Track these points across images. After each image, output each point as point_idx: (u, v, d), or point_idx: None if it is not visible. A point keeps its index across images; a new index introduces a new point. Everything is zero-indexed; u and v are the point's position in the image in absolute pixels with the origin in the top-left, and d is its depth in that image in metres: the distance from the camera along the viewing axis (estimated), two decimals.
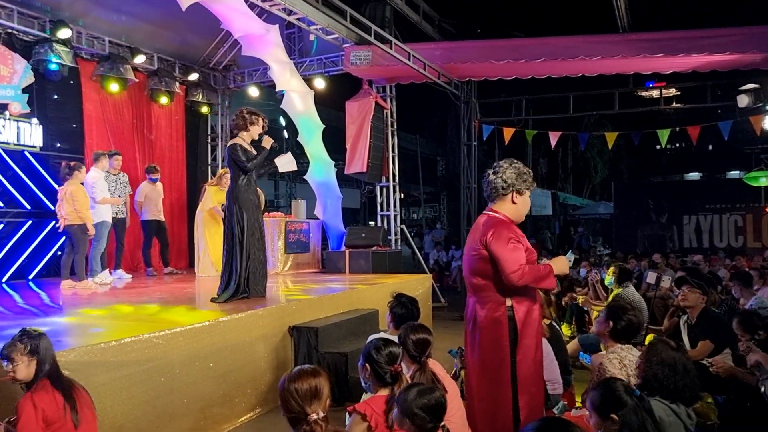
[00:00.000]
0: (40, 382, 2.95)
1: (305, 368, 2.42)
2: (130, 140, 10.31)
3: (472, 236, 3.44)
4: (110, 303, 6.12)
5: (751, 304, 5.91)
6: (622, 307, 3.49)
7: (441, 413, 2.49)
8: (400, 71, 9.70)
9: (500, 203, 3.41)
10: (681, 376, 2.94)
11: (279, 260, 9.58)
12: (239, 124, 6.15)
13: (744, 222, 14.25)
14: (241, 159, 6.02)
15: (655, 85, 11.07)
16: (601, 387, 2.53)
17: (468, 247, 3.45)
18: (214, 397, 4.78)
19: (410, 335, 3.32)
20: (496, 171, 3.41)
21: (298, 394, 2.30)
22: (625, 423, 2.35)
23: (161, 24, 10.22)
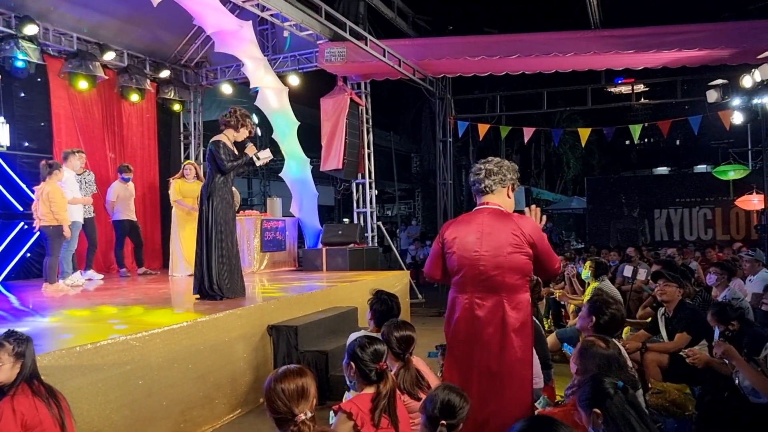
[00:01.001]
0: (20, 386, 2.87)
1: (291, 368, 2.38)
2: (100, 139, 10.11)
3: (498, 230, 3.13)
4: (84, 305, 5.98)
5: (724, 296, 6.02)
6: (605, 302, 3.51)
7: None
8: (375, 68, 9.67)
9: (498, 196, 3.26)
10: (616, 374, 2.98)
11: (255, 259, 9.49)
12: (230, 122, 6.08)
13: (713, 215, 14.54)
14: (222, 158, 5.95)
15: (623, 81, 11.21)
16: (587, 382, 2.55)
17: (499, 241, 3.11)
18: (194, 399, 4.71)
19: (394, 332, 3.30)
20: (497, 163, 3.28)
21: (285, 394, 2.27)
22: (608, 416, 2.37)
23: (131, 20, 10.03)
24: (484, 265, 3.12)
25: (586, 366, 2.97)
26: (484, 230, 3.16)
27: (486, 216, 3.21)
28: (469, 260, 3.15)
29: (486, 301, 3.13)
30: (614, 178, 26.36)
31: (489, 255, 3.12)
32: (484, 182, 3.25)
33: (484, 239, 3.14)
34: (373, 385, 2.86)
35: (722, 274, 6.23)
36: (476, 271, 3.13)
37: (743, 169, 13.60)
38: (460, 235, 3.21)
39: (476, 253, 3.14)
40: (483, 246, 3.13)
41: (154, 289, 7.70)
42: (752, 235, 14.04)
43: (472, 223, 3.22)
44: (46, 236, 7.04)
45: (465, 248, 3.17)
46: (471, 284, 3.16)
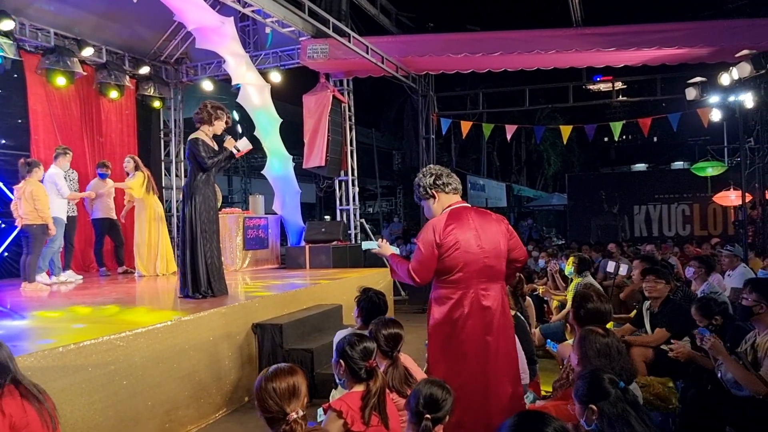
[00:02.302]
0: (6, 387, 2.81)
1: (282, 367, 2.36)
2: (78, 136, 9.95)
3: (490, 224, 3.44)
4: (65, 305, 5.89)
5: (702, 290, 6.10)
6: (584, 296, 3.54)
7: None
8: (358, 64, 9.64)
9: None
10: (617, 360, 3.02)
11: (237, 257, 9.43)
12: (203, 117, 6.02)
13: (691, 211, 14.76)
14: (201, 155, 5.89)
15: (602, 79, 11.32)
16: (586, 377, 2.56)
17: (496, 235, 3.42)
18: (179, 399, 4.67)
19: (382, 330, 3.30)
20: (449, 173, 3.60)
21: (276, 393, 2.25)
22: (603, 413, 2.39)
23: (109, 15, 9.89)
24: (488, 258, 3.37)
25: (586, 353, 3.00)
26: (477, 226, 3.39)
27: (472, 213, 3.46)
28: (474, 256, 3.34)
29: (489, 291, 3.38)
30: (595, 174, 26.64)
31: (490, 248, 3.38)
32: (455, 186, 3.53)
33: (482, 234, 3.38)
34: (362, 383, 2.85)
35: (700, 267, 6.32)
36: (481, 265, 3.35)
37: (721, 165, 13.81)
38: (461, 235, 3.34)
39: (480, 249, 3.35)
40: (483, 241, 3.37)
41: (135, 288, 7.62)
42: (729, 231, 14.28)
43: (464, 221, 3.39)
44: (29, 235, 6.93)
45: (468, 245, 3.34)
46: (475, 278, 3.35)
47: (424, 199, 3.58)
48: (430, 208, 3.55)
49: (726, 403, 3.84)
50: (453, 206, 3.47)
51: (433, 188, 3.51)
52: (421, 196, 3.59)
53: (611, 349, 3.00)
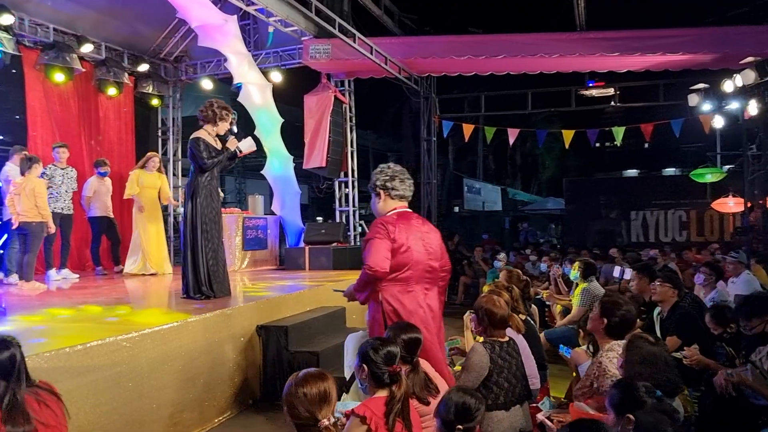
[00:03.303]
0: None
1: (311, 371, 2.29)
2: (76, 133, 9.82)
3: (432, 232, 3.73)
4: (67, 304, 5.77)
5: (712, 297, 6.08)
6: (615, 302, 3.48)
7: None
8: (361, 65, 9.58)
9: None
10: (663, 371, 2.96)
11: (236, 257, 9.33)
12: (208, 116, 5.92)
13: (688, 217, 14.78)
14: (201, 155, 5.80)
15: (594, 84, 11.32)
16: (621, 386, 2.51)
17: (437, 241, 3.72)
18: (184, 402, 4.58)
19: (401, 335, 3.23)
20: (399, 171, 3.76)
21: (307, 398, 2.18)
22: (640, 424, 2.33)
23: (109, 12, 9.79)
24: (431, 260, 3.64)
25: (631, 357, 2.94)
26: (422, 230, 3.67)
27: (416, 218, 3.73)
28: (421, 256, 3.58)
29: (431, 291, 3.68)
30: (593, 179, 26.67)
31: (432, 252, 3.66)
32: (404, 190, 3.70)
33: (425, 238, 3.64)
34: (385, 388, 2.78)
35: (710, 274, 6.31)
36: (426, 266, 3.62)
37: (720, 172, 13.83)
38: (410, 235, 3.57)
39: (426, 251, 3.61)
40: (427, 244, 3.63)
41: (135, 288, 7.51)
42: (725, 237, 14.32)
43: (412, 225, 3.63)
44: (28, 232, 6.80)
45: (417, 246, 3.58)
46: (421, 278, 3.61)
47: (374, 193, 3.75)
48: (376, 206, 3.76)
49: (744, 411, 3.80)
50: (398, 209, 3.67)
51: (382, 189, 3.69)
52: (372, 190, 3.76)
53: (658, 358, 2.94)
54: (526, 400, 3.79)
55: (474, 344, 3.67)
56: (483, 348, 3.56)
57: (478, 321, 3.81)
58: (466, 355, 3.82)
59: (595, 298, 6.42)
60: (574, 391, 3.66)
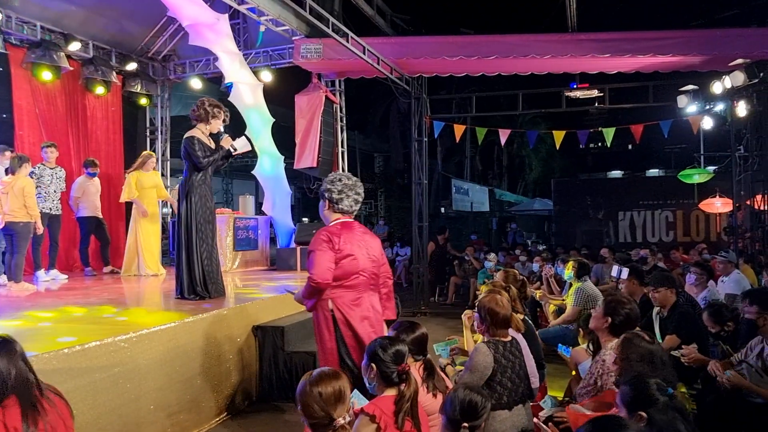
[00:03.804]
0: (9, 398, 2.65)
1: (326, 371, 2.28)
2: (63, 132, 9.70)
3: (373, 240, 3.91)
4: (57, 305, 5.69)
5: (704, 296, 6.14)
6: (619, 301, 3.49)
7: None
8: (352, 65, 9.54)
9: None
10: (660, 369, 2.98)
11: (227, 258, 9.26)
12: (200, 115, 5.88)
13: (674, 218, 14.92)
14: (197, 154, 5.76)
15: (578, 86, 11.37)
16: (633, 383, 2.51)
17: (378, 248, 3.92)
18: (181, 403, 4.55)
19: (409, 334, 3.23)
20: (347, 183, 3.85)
21: (323, 398, 2.16)
22: (652, 421, 2.34)
23: (97, 10, 9.69)
24: (375, 267, 3.81)
25: (628, 356, 2.95)
26: (365, 239, 3.81)
27: (358, 227, 3.86)
28: (366, 264, 3.74)
29: (374, 297, 3.84)
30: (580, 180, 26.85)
31: (375, 259, 3.83)
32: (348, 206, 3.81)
33: (370, 248, 3.80)
34: (394, 387, 2.77)
35: (702, 274, 6.37)
36: (371, 273, 3.78)
37: (707, 173, 13.98)
38: (355, 243, 3.70)
39: (369, 259, 3.77)
40: (370, 252, 3.79)
41: (126, 288, 7.43)
42: (711, 237, 14.48)
43: (355, 234, 3.76)
44: (14, 233, 6.69)
45: (361, 253, 3.72)
46: (367, 284, 3.76)
47: (322, 198, 3.88)
48: (323, 211, 3.91)
49: (742, 409, 3.84)
50: (342, 219, 3.80)
51: (329, 200, 3.81)
52: (321, 196, 3.90)
53: (655, 356, 2.95)
54: (528, 399, 3.80)
55: (478, 344, 3.66)
56: (487, 348, 3.56)
57: (480, 320, 3.80)
58: (468, 355, 3.82)
59: (589, 297, 6.47)
60: (576, 390, 3.67)
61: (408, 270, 14.06)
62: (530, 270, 10.74)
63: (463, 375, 3.66)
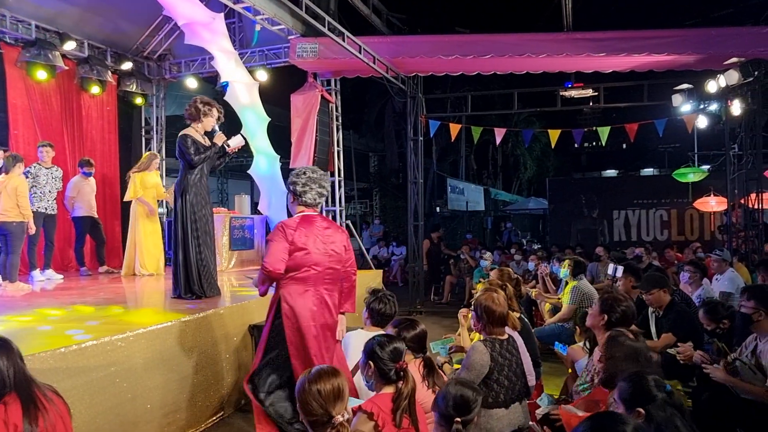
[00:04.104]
0: (9, 395, 2.65)
1: (324, 368, 2.29)
2: (58, 131, 9.67)
3: (336, 234, 3.95)
4: (55, 304, 5.67)
5: (698, 294, 6.17)
6: (616, 299, 3.51)
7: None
8: (348, 64, 9.54)
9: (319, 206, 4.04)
10: (644, 367, 3.00)
11: (223, 257, 9.25)
12: (192, 113, 5.89)
13: (669, 216, 14.96)
14: (190, 152, 5.76)
15: (573, 85, 11.41)
16: (631, 379, 2.52)
17: (341, 243, 3.95)
18: (178, 402, 4.54)
19: (409, 331, 3.25)
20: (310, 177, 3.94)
21: (322, 395, 2.17)
22: (651, 417, 2.35)
23: (92, 9, 9.65)
24: (335, 263, 3.87)
25: (613, 353, 2.97)
26: (324, 233, 3.87)
27: (320, 221, 3.92)
28: (321, 258, 3.81)
29: (333, 291, 3.91)
30: (576, 179, 26.90)
31: (334, 253, 3.87)
32: (311, 198, 3.90)
33: (327, 240, 3.85)
34: (392, 385, 2.78)
35: (695, 272, 6.40)
36: (326, 267, 3.84)
37: (701, 172, 14.02)
38: (310, 237, 3.79)
39: (326, 253, 3.83)
40: (329, 246, 3.85)
41: (122, 288, 7.42)
42: (705, 236, 14.54)
43: (314, 228, 3.84)
44: (8, 233, 6.67)
45: (317, 247, 3.80)
46: (321, 279, 3.84)
47: (288, 191, 4.01)
48: (288, 204, 4.08)
49: (736, 405, 3.86)
50: (305, 212, 3.90)
51: (293, 193, 3.93)
52: (287, 189, 4.03)
53: (640, 354, 2.98)
54: (525, 397, 3.82)
55: (474, 343, 3.68)
56: (484, 346, 3.57)
57: (477, 318, 3.82)
58: (466, 353, 3.83)
59: (584, 296, 6.50)
60: (572, 387, 3.68)
61: (403, 269, 14.08)
62: (525, 269, 10.79)
63: (461, 373, 3.68)
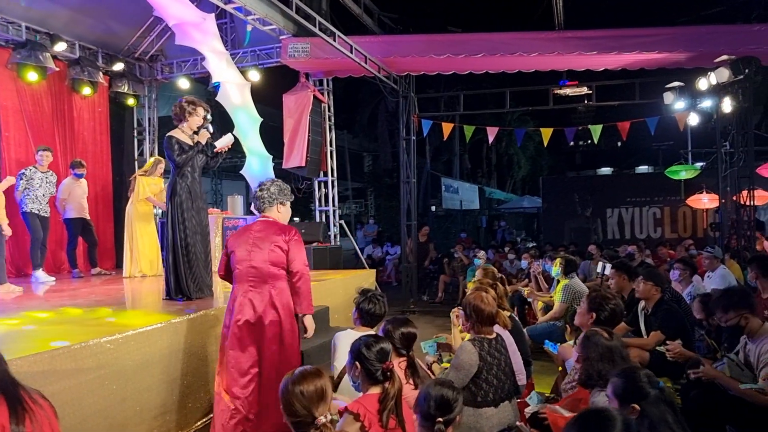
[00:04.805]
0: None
1: (308, 369, 2.29)
2: (50, 133, 9.65)
3: (269, 236, 4.14)
4: (45, 307, 5.65)
5: (688, 292, 6.19)
6: (604, 297, 3.52)
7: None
8: (340, 64, 9.54)
9: (269, 212, 4.27)
10: (619, 365, 3.02)
11: (216, 258, 9.20)
12: (178, 114, 5.88)
13: (662, 214, 15.01)
14: (174, 152, 5.73)
15: (568, 84, 11.43)
16: (624, 375, 2.54)
17: (271, 243, 4.12)
18: (168, 404, 4.53)
19: (400, 328, 3.25)
20: (266, 189, 4.26)
21: (305, 396, 2.17)
22: (645, 414, 2.37)
23: (82, 10, 9.63)
24: (253, 261, 4.11)
25: (588, 354, 2.98)
26: (255, 237, 4.16)
27: (258, 226, 4.22)
28: (242, 258, 4.14)
29: (257, 288, 4.12)
30: (568, 178, 26.93)
31: (257, 254, 4.12)
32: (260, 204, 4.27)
33: (256, 243, 4.13)
34: (378, 385, 2.78)
35: (685, 270, 6.42)
36: (247, 266, 4.12)
37: (694, 169, 14.08)
38: (238, 241, 4.20)
39: (248, 253, 4.13)
40: (253, 248, 4.13)
41: (115, 290, 7.38)
42: (698, 233, 14.59)
43: (247, 233, 4.22)
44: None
45: (240, 250, 4.16)
46: (245, 276, 4.14)
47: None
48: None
49: (726, 402, 3.88)
50: (254, 219, 4.36)
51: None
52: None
53: (614, 353, 2.99)
54: (514, 395, 3.83)
55: (463, 342, 3.68)
56: (472, 346, 3.58)
57: (466, 317, 3.82)
58: (455, 352, 3.83)
59: (576, 294, 6.51)
60: (562, 385, 3.69)
61: (398, 269, 14.09)
62: (519, 267, 10.80)
63: (449, 373, 3.68)
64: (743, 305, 3.94)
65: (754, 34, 8.87)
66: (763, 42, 8.79)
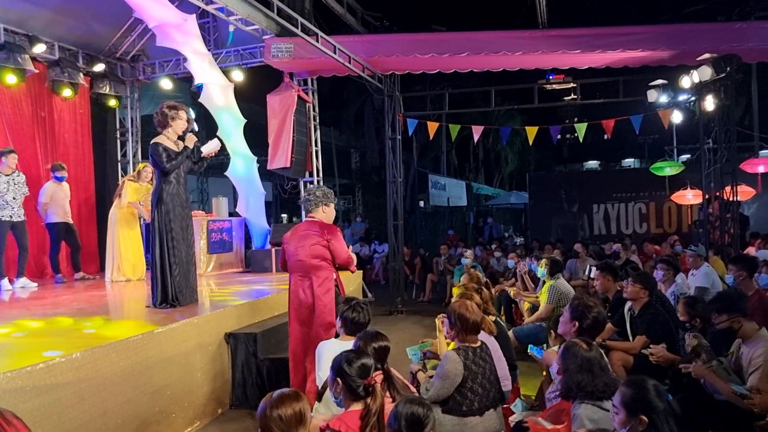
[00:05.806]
0: None
1: (286, 392, 2.25)
2: (30, 136, 9.51)
3: (309, 234, 4.76)
4: (26, 316, 5.56)
5: (672, 291, 6.21)
6: (586, 305, 3.51)
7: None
8: (324, 64, 9.47)
9: (316, 213, 4.87)
10: (599, 376, 3.02)
11: (201, 261, 9.17)
12: (161, 120, 5.81)
13: (647, 209, 15.07)
14: (161, 159, 5.67)
15: (554, 77, 11.44)
16: (633, 385, 2.55)
17: (311, 239, 4.73)
18: (150, 415, 4.48)
19: (371, 343, 3.21)
20: (312, 192, 4.92)
21: (283, 420, 2.14)
22: (655, 427, 2.38)
23: (62, 10, 9.47)
24: (298, 256, 4.76)
25: (567, 366, 2.98)
26: (301, 234, 4.81)
27: (305, 225, 4.89)
28: (292, 254, 4.82)
29: (305, 279, 4.75)
30: (555, 173, 26.99)
31: (302, 250, 4.74)
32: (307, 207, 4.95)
33: (299, 240, 4.78)
34: (360, 401, 2.75)
35: (668, 270, 6.44)
36: (294, 260, 4.80)
37: (678, 165, 14.14)
38: (290, 239, 4.88)
39: (294, 249, 4.79)
40: (299, 244, 4.78)
41: (97, 296, 7.29)
42: (683, 228, 14.67)
43: (298, 231, 4.88)
44: None
45: (290, 246, 4.85)
46: (294, 269, 4.82)
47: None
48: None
49: (708, 407, 3.89)
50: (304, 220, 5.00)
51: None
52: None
53: (593, 364, 2.99)
54: (499, 403, 3.82)
55: (447, 352, 3.66)
56: (456, 355, 3.56)
57: (450, 325, 3.80)
58: (439, 361, 3.81)
59: (562, 295, 6.51)
60: (546, 393, 3.68)
61: (385, 267, 14.06)
62: (506, 266, 10.80)
63: (434, 383, 3.66)
64: (737, 309, 3.95)
65: (735, 31, 8.92)
66: (744, 39, 8.85)
